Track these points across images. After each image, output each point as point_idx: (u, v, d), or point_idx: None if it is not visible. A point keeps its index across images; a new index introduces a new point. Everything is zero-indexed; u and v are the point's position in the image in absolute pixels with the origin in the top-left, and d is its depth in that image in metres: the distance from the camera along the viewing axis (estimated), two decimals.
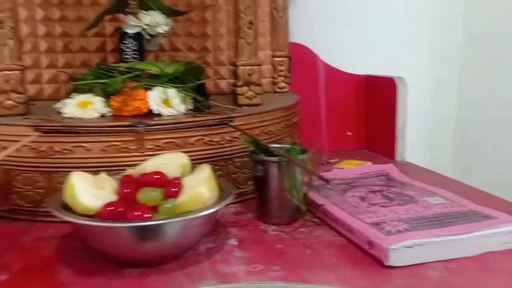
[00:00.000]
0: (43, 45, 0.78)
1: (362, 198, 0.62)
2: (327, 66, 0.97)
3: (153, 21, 0.71)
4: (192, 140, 0.62)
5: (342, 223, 0.55)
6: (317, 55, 0.97)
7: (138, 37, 0.72)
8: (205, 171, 0.51)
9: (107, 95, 0.64)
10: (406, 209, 0.57)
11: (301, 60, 0.94)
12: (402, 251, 0.47)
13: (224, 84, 0.88)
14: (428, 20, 1.06)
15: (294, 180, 0.56)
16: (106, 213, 0.45)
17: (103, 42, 0.81)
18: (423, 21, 1.06)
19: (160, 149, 0.60)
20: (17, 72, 0.62)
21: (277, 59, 0.89)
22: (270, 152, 0.59)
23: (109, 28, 0.81)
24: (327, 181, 0.48)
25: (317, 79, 0.96)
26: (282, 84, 0.91)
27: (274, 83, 0.90)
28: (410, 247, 0.47)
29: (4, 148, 0.59)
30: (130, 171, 0.55)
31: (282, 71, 0.90)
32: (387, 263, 0.47)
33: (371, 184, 0.68)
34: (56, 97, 0.78)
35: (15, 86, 0.62)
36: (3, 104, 0.62)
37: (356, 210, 0.57)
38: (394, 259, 0.47)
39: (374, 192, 0.64)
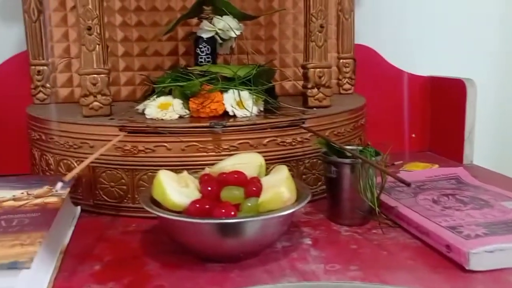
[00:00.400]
0: (120, 49, 0.83)
1: (435, 201, 0.61)
2: (392, 68, 0.96)
3: (226, 25, 0.73)
4: (265, 141, 0.64)
5: (417, 226, 0.55)
6: (382, 56, 0.96)
7: (211, 41, 0.74)
8: (283, 171, 0.53)
9: (185, 97, 0.66)
10: (483, 214, 0.56)
11: (366, 62, 0.94)
12: (482, 255, 0.47)
13: (289, 86, 0.89)
14: (496, 21, 1.03)
15: (368, 181, 0.57)
16: (194, 210, 0.47)
17: (175, 46, 0.84)
18: (491, 21, 1.03)
19: (235, 149, 0.63)
20: (103, 75, 0.66)
21: (343, 61, 0.90)
22: (342, 154, 0.60)
23: (180, 32, 0.84)
24: (408, 184, 0.48)
25: (381, 81, 0.96)
26: (347, 86, 0.91)
27: (339, 85, 0.91)
28: (491, 252, 0.47)
29: (91, 146, 0.63)
30: (208, 170, 0.57)
31: (347, 72, 0.91)
32: (467, 268, 0.47)
33: (442, 187, 0.67)
34: (132, 98, 0.83)
35: (102, 89, 0.66)
36: (91, 105, 0.66)
37: (430, 213, 0.57)
38: (474, 264, 0.47)
39: (446, 195, 0.64)
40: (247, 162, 0.56)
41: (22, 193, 0.56)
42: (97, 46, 0.65)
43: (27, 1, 0.78)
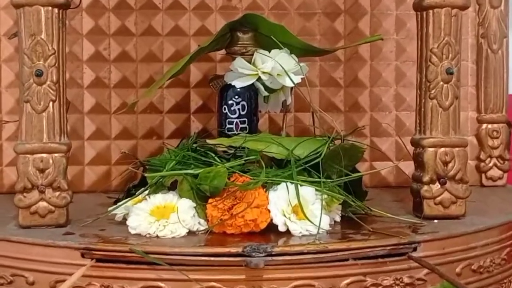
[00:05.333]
0: (89, 100, 0.86)
1: None
2: None
3: (277, 67, 0.75)
4: (343, 282, 0.64)
5: None
6: None
7: (249, 93, 0.76)
8: None
9: (201, 197, 0.68)
10: None
11: None
12: None
13: (388, 172, 0.90)
14: None
15: None
16: None
17: (185, 96, 0.87)
18: None
19: None
20: (59, 155, 0.68)
21: (488, 126, 0.91)
22: None
23: (195, 72, 0.87)
24: None
25: None
26: (494, 172, 0.91)
27: (480, 170, 0.91)
28: None
29: (31, 283, 0.64)
30: None
31: (495, 147, 0.91)
32: None
33: None
34: (104, 188, 0.85)
35: (55, 179, 0.68)
36: (34, 208, 0.68)
37: None
38: None
39: None
40: None
41: None
42: (51, 103, 0.68)
43: None
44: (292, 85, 0.76)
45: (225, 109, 0.77)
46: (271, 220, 0.67)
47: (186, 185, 0.68)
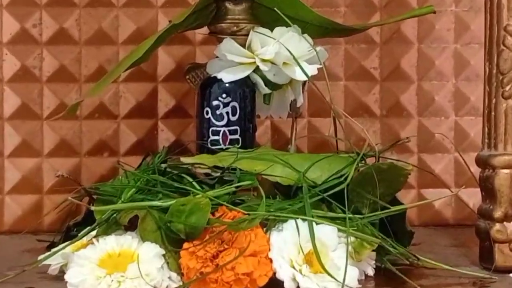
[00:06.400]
0: (11, 100, 0.86)
1: None
2: None
3: (282, 52, 0.75)
4: None
5: None
6: None
7: (243, 90, 0.76)
8: None
9: (173, 240, 0.67)
10: None
11: None
12: None
13: (443, 204, 0.90)
14: None
15: None
16: None
17: (151, 94, 0.87)
18: None
19: None
20: None
21: None
22: None
23: (164, 58, 0.87)
24: None
25: None
26: None
27: None
28: None
29: None
30: None
31: None
32: None
33: None
34: (34, 229, 0.85)
35: None
36: None
37: None
38: None
39: None
40: None
41: None
42: None
43: None
44: (305, 78, 0.77)
45: (207, 113, 0.77)
46: (274, 273, 0.67)
47: (151, 224, 0.68)
